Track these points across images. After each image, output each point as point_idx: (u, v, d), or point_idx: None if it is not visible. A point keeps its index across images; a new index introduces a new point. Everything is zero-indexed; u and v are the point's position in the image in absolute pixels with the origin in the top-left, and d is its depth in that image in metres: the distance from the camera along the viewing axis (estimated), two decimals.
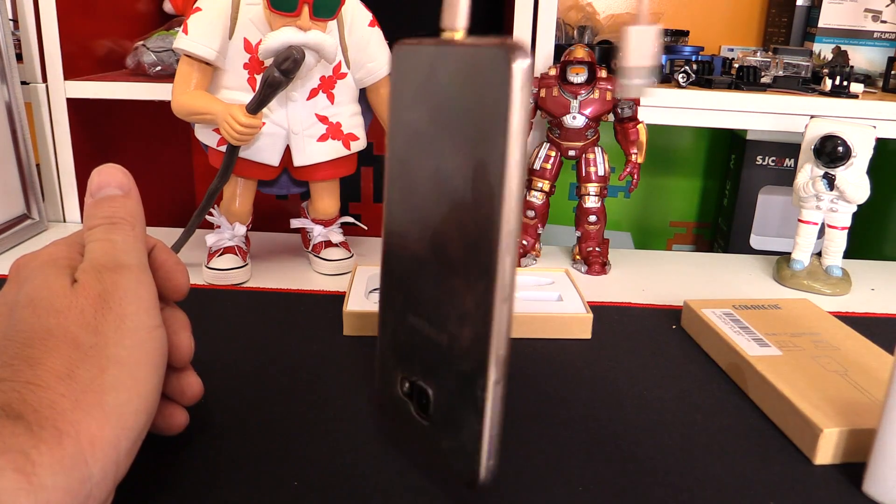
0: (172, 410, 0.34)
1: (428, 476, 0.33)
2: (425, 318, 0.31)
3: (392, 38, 0.59)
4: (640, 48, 0.36)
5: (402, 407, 0.33)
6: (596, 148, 0.63)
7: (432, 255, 0.30)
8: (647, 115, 0.66)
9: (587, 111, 0.61)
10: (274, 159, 0.56)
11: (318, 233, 0.61)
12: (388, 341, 0.34)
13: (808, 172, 0.59)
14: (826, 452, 0.35)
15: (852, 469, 0.35)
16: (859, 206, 0.59)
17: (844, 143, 0.56)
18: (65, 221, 0.75)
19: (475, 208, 0.27)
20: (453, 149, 0.28)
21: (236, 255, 0.58)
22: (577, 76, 0.60)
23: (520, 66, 0.25)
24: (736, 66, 0.75)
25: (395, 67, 0.30)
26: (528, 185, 0.65)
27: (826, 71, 0.73)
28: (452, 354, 0.29)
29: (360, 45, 0.56)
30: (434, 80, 0.28)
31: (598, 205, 0.64)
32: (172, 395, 0.34)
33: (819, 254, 0.62)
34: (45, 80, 0.71)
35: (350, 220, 0.63)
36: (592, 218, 0.64)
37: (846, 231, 0.60)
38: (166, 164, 0.94)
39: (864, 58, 0.85)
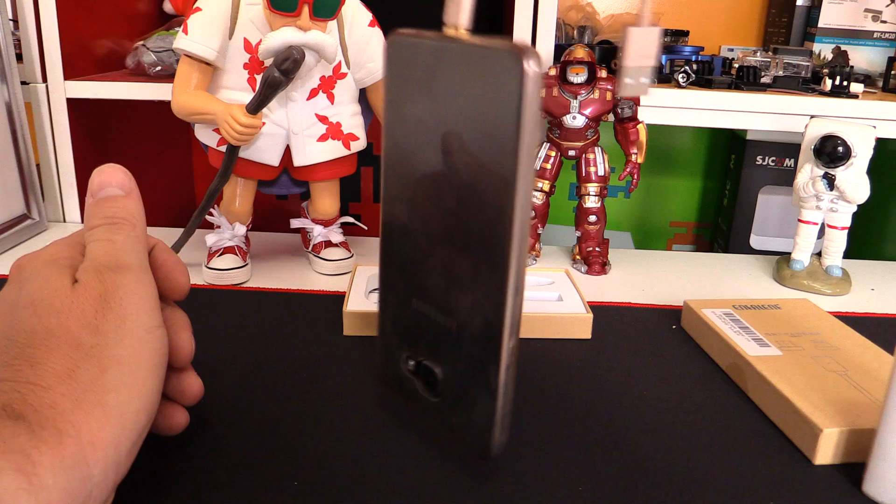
0: (173, 411, 0.34)
1: (436, 446, 0.34)
2: (431, 304, 0.31)
3: None
4: (642, 49, 0.36)
5: (408, 383, 0.33)
6: (596, 148, 0.63)
7: (437, 247, 0.30)
8: (647, 115, 0.66)
9: (587, 111, 0.61)
10: (274, 159, 0.56)
11: (318, 233, 0.61)
12: (390, 322, 0.34)
13: (808, 172, 0.59)
14: (826, 452, 0.35)
15: (852, 469, 0.35)
16: (859, 206, 0.59)
17: (844, 143, 0.56)
18: (65, 221, 0.75)
19: (485, 206, 0.27)
20: (459, 146, 0.28)
21: (236, 255, 0.58)
22: (577, 76, 0.60)
23: (532, 70, 0.25)
24: (736, 66, 0.75)
25: (391, 57, 0.30)
26: None
27: (826, 71, 0.73)
28: (462, 340, 0.30)
29: (360, 45, 0.56)
30: (437, 76, 0.28)
31: (598, 205, 0.64)
32: (173, 396, 0.34)
33: (819, 254, 0.62)
34: (45, 80, 0.71)
35: (350, 220, 0.63)
36: (592, 218, 0.64)
37: (846, 231, 0.60)
38: (166, 164, 0.94)
39: (864, 58, 0.85)
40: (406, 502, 0.32)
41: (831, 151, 0.56)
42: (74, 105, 0.72)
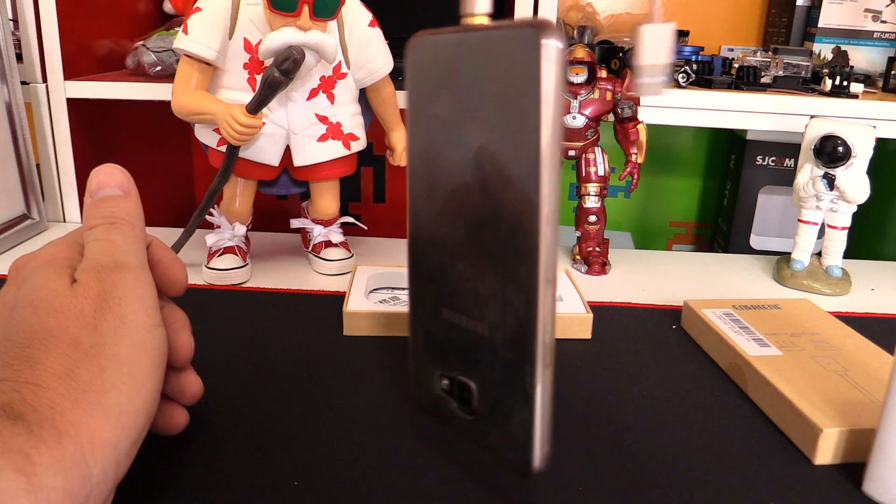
0: (172, 410, 0.34)
1: (475, 472, 0.33)
2: (462, 311, 0.30)
3: (392, 38, 0.59)
4: (655, 46, 0.36)
5: (442, 405, 0.32)
6: (596, 148, 0.63)
7: (466, 246, 0.29)
8: (647, 115, 0.66)
9: (587, 111, 0.61)
10: (274, 159, 0.56)
11: (318, 233, 0.61)
12: (421, 341, 0.33)
13: (808, 172, 0.59)
14: (826, 452, 0.35)
15: (852, 469, 0.35)
16: (859, 206, 0.59)
17: (844, 143, 0.56)
18: (65, 221, 0.75)
19: (512, 193, 0.27)
20: (483, 135, 0.27)
21: (236, 255, 0.58)
22: (577, 76, 0.60)
23: (552, 44, 0.24)
24: (736, 66, 0.75)
25: (413, 60, 0.30)
26: None
27: (826, 71, 0.73)
28: (495, 344, 0.29)
29: (361, 45, 0.56)
30: (458, 68, 0.28)
31: (598, 205, 0.64)
32: (172, 395, 0.34)
33: (819, 254, 0.62)
34: (45, 80, 0.71)
35: (350, 220, 0.63)
36: (592, 218, 0.64)
37: (846, 231, 0.60)
38: (166, 164, 0.94)
39: (864, 58, 0.85)
40: (406, 502, 0.32)
41: (831, 151, 0.56)
42: (74, 105, 0.72)
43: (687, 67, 0.71)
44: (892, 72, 0.78)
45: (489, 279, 0.29)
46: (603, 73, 0.61)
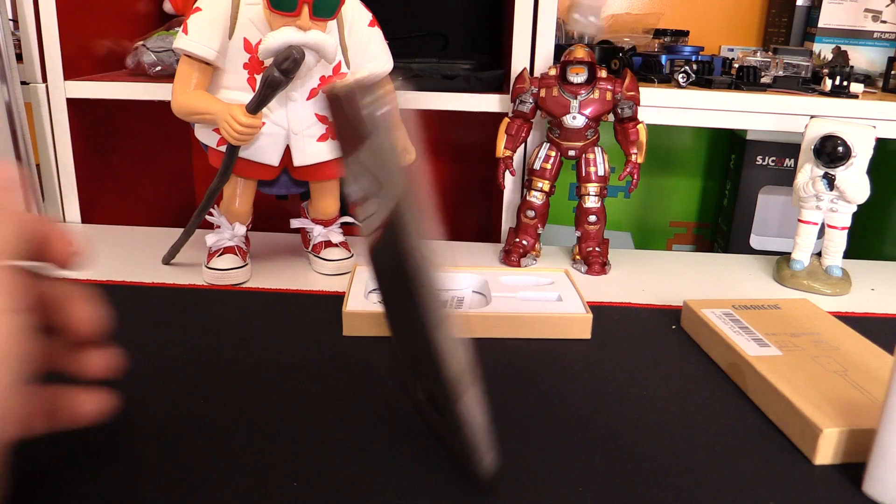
0: (79, 399, 0.31)
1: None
2: (411, 343, 0.34)
3: (392, 38, 0.59)
4: None
5: (426, 409, 0.37)
6: (596, 148, 0.63)
7: (399, 292, 0.33)
8: (647, 115, 0.66)
9: (587, 111, 0.61)
10: (274, 159, 0.56)
11: (318, 233, 0.61)
12: (400, 360, 0.38)
13: (808, 172, 0.59)
14: (826, 452, 0.35)
15: (852, 469, 0.35)
16: (859, 206, 0.59)
17: (844, 143, 0.56)
18: (65, 221, 0.75)
19: (393, 245, 0.30)
20: (371, 186, 0.31)
21: (236, 255, 0.58)
22: (577, 76, 0.60)
23: (364, 104, 0.28)
24: (736, 66, 0.75)
25: (329, 111, 0.33)
26: (529, 185, 0.65)
27: (826, 71, 0.73)
28: (433, 373, 0.32)
29: (360, 45, 0.56)
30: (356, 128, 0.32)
31: (598, 205, 0.64)
32: (75, 374, 0.32)
33: (819, 254, 0.62)
34: (45, 80, 0.71)
35: (350, 220, 0.63)
36: (592, 218, 0.64)
37: (846, 231, 0.60)
38: (166, 164, 0.94)
39: (864, 58, 0.85)
40: (406, 502, 0.32)
41: (831, 151, 0.56)
42: (74, 105, 0.72)
43: (687, 67, 0.71)
44: (892, 72, 0.78)
45: (410, 324, 0.33)
46: (603, 73, 0.61)
